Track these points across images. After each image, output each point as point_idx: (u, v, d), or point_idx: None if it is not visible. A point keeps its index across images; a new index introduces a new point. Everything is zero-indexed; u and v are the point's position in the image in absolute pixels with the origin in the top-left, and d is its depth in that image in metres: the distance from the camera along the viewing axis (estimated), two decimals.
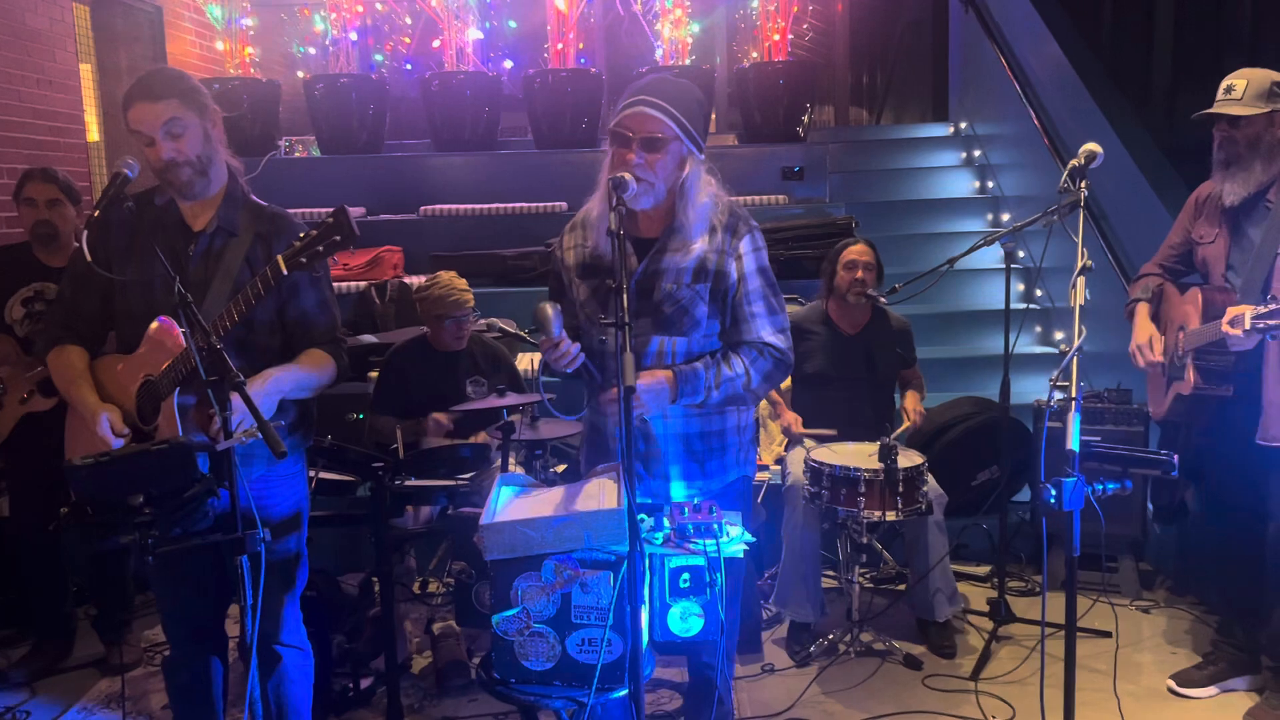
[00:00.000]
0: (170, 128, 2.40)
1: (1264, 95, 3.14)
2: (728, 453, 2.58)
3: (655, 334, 2.45)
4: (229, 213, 2.54)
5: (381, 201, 6.61)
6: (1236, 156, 3.20)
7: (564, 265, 2.59)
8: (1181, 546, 4.43)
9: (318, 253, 2.33)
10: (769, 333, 2.52)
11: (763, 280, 2.51)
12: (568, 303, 2.57)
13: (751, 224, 2.51)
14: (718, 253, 2.46)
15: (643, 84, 2.38)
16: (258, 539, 2.13)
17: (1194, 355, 3.23)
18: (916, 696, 3.56)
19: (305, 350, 2.55)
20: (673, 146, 2.36)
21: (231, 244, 2.51)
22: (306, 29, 7.57)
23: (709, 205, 2.45)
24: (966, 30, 7.68)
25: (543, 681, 2.20)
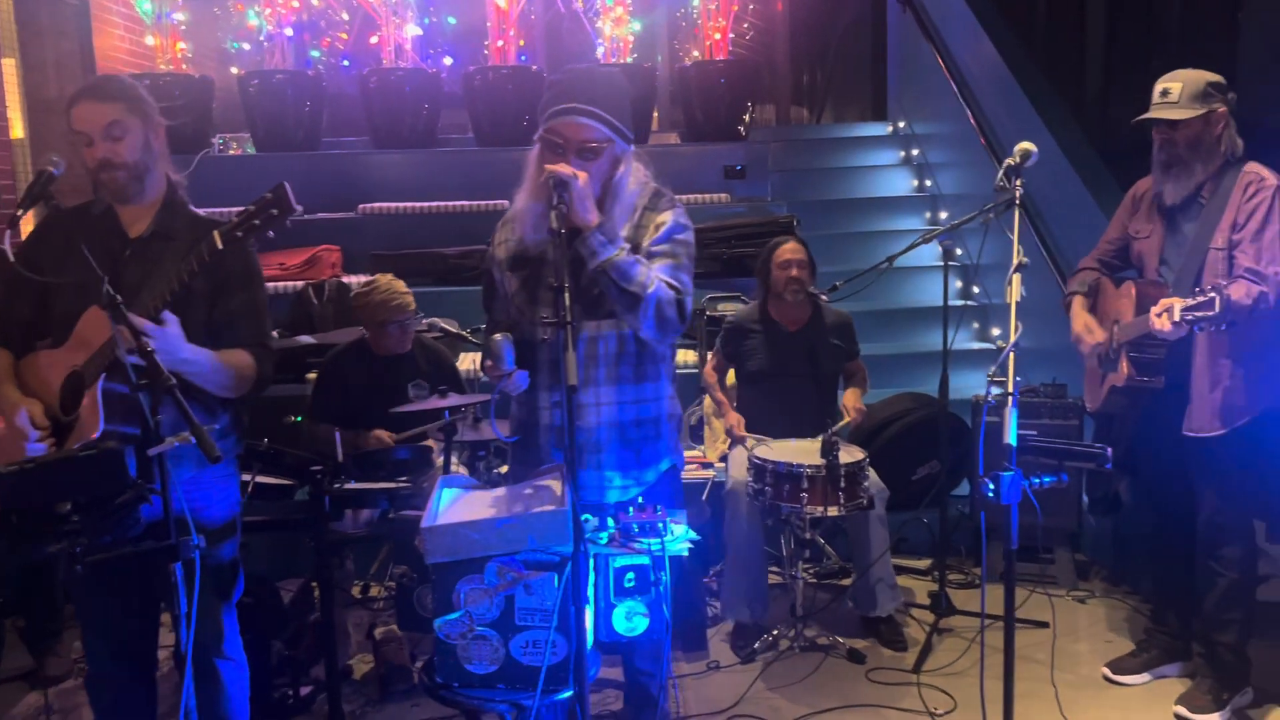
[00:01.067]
0: (112, 130, 2.40)
1: (1199, 96, 3.20)
2: (661, 439, 2.59)
3: (586, 319, 2.43)
4: (166, 219, 2.52)
5: (319, 200, 6.48)
6: (1177, 158, 3.26)
7: (495, 261, 2.58)
8: (1116, 537, 4.52)
9: (254, 226, 2.27)
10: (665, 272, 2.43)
11: (671, 244, 2.46)
12: (500, 298, 2.57)
13: (675, 203, 2.51)
14: (635, 227, 2.46)
15: (571, 85, 2.36)
16: (191, 545, 2.07)
17: (1128, 347, 3.30)
18: (859, 690, 3.59)
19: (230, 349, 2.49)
20: (606, 150, 2.36)
21: (169, 249, 2.47)
22: (240, 24, 7.41)
23: (636, 193, 2.45)
24: (904, 30, 7.78)
25: (486, 685, 2.18)
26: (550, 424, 2.51)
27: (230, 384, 2.47)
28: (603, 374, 2.47)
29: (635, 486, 2.54)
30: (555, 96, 2.36)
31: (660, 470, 2.60)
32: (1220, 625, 3.34)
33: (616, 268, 2.32)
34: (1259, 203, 3.16)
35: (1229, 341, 3.18)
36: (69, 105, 2.43)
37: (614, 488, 2.54)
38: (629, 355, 2.49)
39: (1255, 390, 3.20)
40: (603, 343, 2.46)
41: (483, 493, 2.45)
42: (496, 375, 2.37)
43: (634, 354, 2.50)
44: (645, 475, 2.57)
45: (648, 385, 2.54)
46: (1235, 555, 3.29)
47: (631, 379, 2.50)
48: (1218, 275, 3.17)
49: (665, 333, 2.43)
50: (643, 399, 2.53)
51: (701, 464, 4.83)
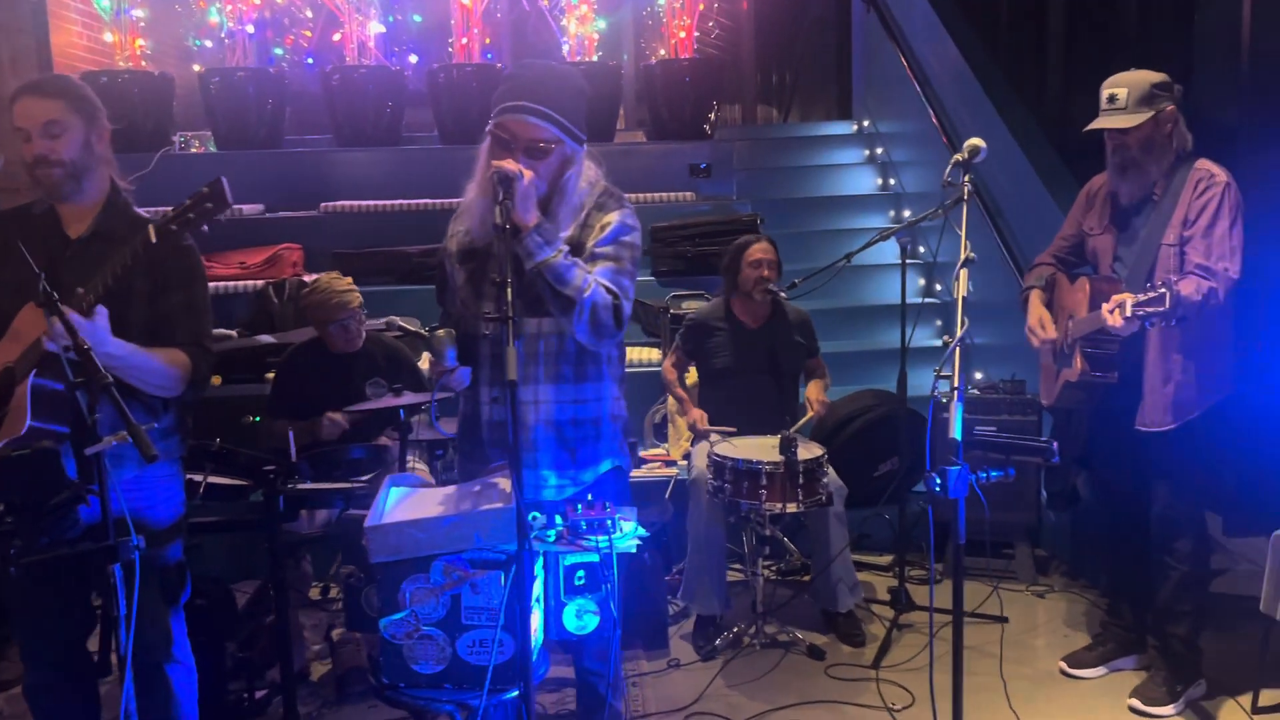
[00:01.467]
0: (50, 128, 2.39)
1: (1145, 99, 3.22)
2: (601, 440, 2.55)
3: (527, 316, 2.41)
4: (107, 220, 2.49)
5: (281, 198, 6.44)
6: (1131, 161, 3.27)
7: (448, 253, 2.57)
8: (1075, 532, 4.56)
9: (189, 220, 2.25)
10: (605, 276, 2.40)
11: (615, 247, 2.43)
12: (451, 291, 2.56)
13: (624, 203, 2.49)
14: (580, 227, 2.45)
15: (525, 82, 2.35)
16: (131, 546, 2.04)
17: (1082, 343, 3.32)
18: (819, 686, 3.59)
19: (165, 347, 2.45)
20: (556, 150, 2.35)
21: (110, 250, 2.40)
22: (201, 21, 7.33)
23: (584, 192, 2.44)
24: (868, 30, 7.81)
25: (433, 685, 2.16)
26: (490, 419, 2.49)
27: (162, 382, 2.42)
28: (542, 372, 2.45)
29: (571, 487, 2.51)
30: (507, 92, 2.35)
31: (599, 472, 2.56)
32: (1173, 617, 3.37)
33: (552, 269, 2.29)
34: (1209, 199, 3.19)
35: (1180, 337, 3.21)
36: (11, 100, 2.41)
37: (549, 487, 2.50)
38: (569, 354, 2.46)
39: (1205, 385, 3.24)
40: (543, 341, 2.44)
41: (431, 491, 2.43)
42: (438, 371, 2.36)
43: (574, 353, 2.47)
44: (582, 476, 2.53)
45: (588, 385, 2.50)
46: (1187, 548, 3.32)
47: (571, 378, 2.48)
48: (1169, 271, 3.20)
49: (600, 337, 2.38)
50: (582, 399, 2.50)
51: (665, 462, 4.83)
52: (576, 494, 2.48)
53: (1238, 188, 3.22)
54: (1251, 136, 4.75)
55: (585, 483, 2.53)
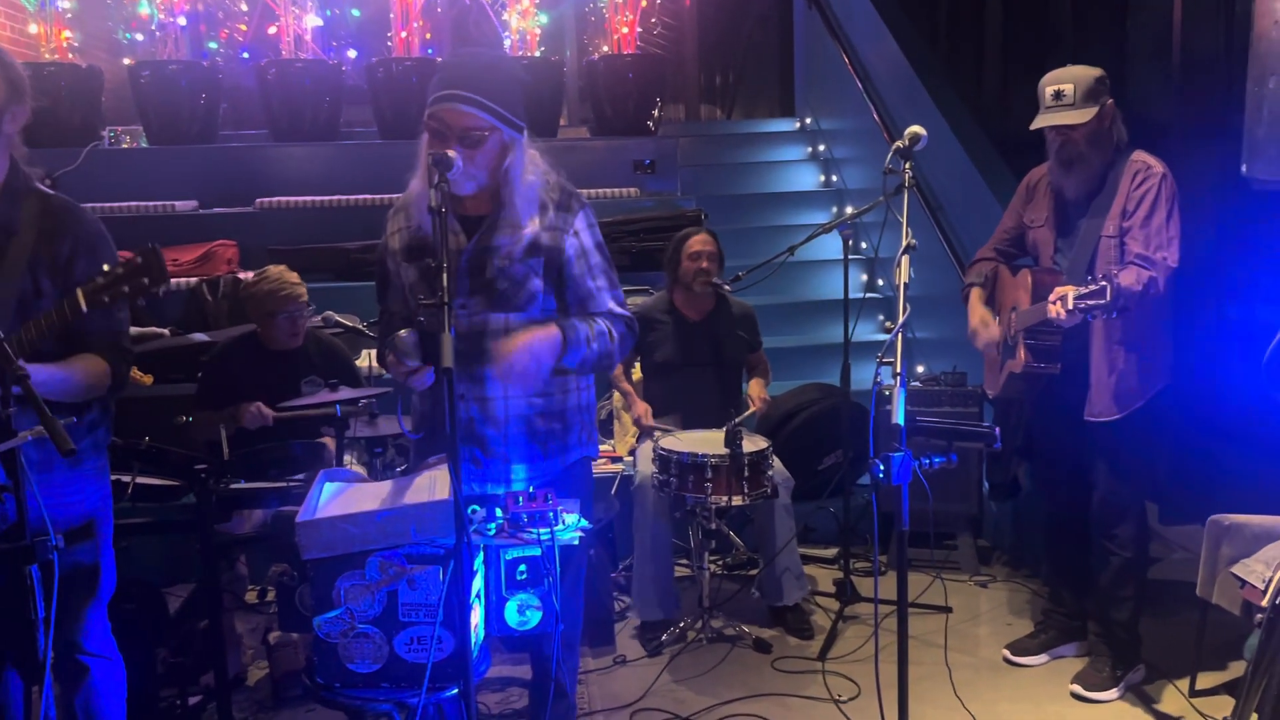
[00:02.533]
0: None
1: (1091, 94, 3.24)
2: (570, 432, 2.54)
3: (491, 311, 2.38)
4: (7, 209, 2.30)
5: (215, 194, 6.29)
6: (1079, 155, 3.29)
7: (389, 251, 2.51)
8: (1017, 522, 4.61)
9: (122, 293, 2.15)
10: (614, 304, 2.53)
11: (601, 256, 2.52)
12: (394, 289, 2.50)
13: (583, 200, 2.50)
14: (551, 230, 2.43)
15: (455, 71, 2.31)
16: (49, 546, 1.96)
17: (1025, 335, 3.34)
18: (765, 680, 3.58)
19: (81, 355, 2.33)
20: (492, 138, 2.31)
21: (12, 243, 2.28)
22: (131, 14, 7.13)
23: (537, 184, 2.41)
24: (810, 27, 7.84)
25: (370, 684, 2.10)
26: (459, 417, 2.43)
27: (80, 393, 2.32)
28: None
29: (540, 479, 2.49)
30: (439, 82, 2.31)
31: (568, 463, 2.55)
32: (1114, 603, 3.42)
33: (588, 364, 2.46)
34: (1147, 190, 3.23)
35: (1122, 328, 3.25)
36: None
37: (519, 480, 2.49)
38: None
39: (1148, 374, 3.28)
40: (509, 337, 2.40)
41: (366, 486, 2.36)
42: (403, 372, 2.30)
43: None
44: (552, 467, 2.53)
45: (554, 378, 2.48)
46: (1128, 535, 3.36)
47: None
48: (1110, 262, 3.24)
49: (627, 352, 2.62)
50: (549, 392, 2.48)
51: (611, 458, 4.79)
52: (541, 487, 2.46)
53: (1173, 178, 3.26)
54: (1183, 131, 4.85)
55: (556, 474, 2.51)
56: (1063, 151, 3.32)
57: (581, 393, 2.58)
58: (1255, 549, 3.02)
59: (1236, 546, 3.17)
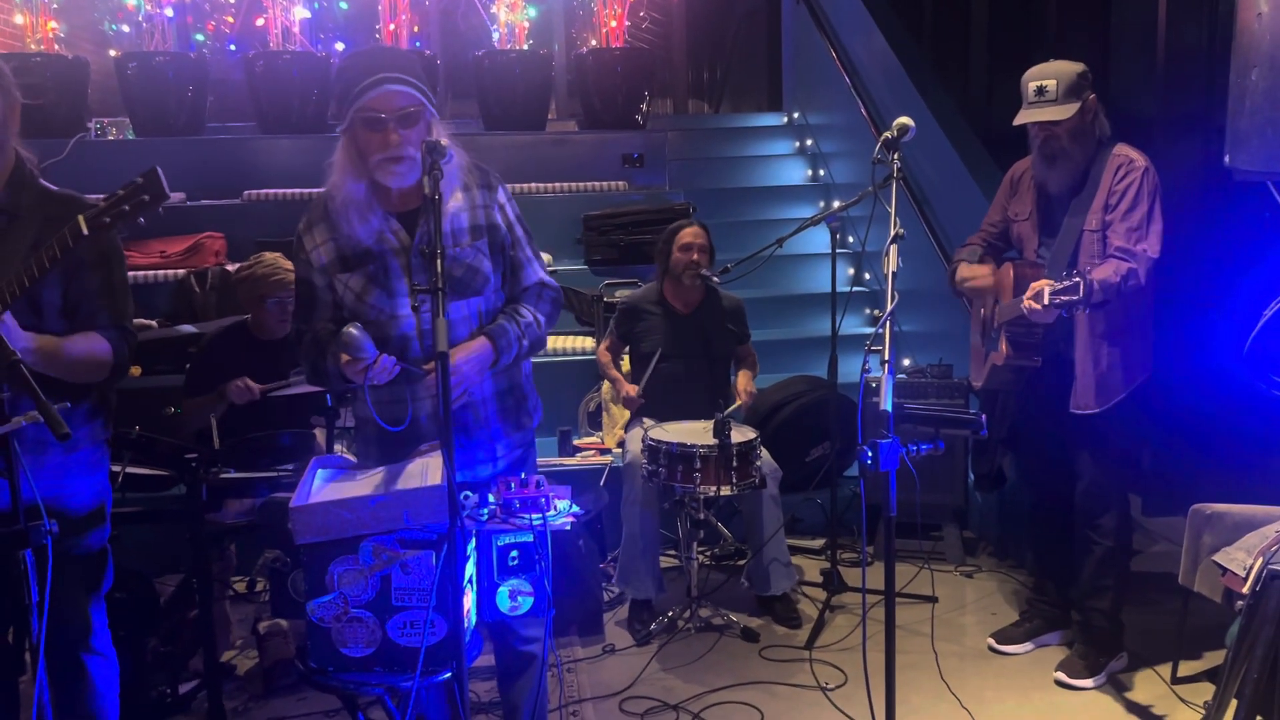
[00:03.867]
0: None
1: (1073, 90, 3.27)
2: (528, 399, 2.65)
3: (452, 299, 2.39)
4: (12, 195, 2.35)
5: (202, 186, 6.27)
6: (1061, 151, 3.31)
7: (315, 266, 2.44)
8: (1002, 513, 4.65)
9: (123, 212, 2.14)
10: (542, 272, 2.60)
11: (523, 228, 2.58)
12: (322, 306, 2.46)
13: (498, 176, 2.55)
14: (483, 208, 2.47)
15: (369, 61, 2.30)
16: (43, 531, 1.96)
17: (1007, 327, 3.38)
18: (753, 668, 3.61)
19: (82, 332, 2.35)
20: (423, 117, 2.33)
21: (14, 226, 2.32)
22: (118, 5, 7.10)
23: (457, 167, 2.41)
24: (797, 21, 7.87)
25: (363, 668, 2.12)
26: (435, 412, 2.43)
27: (85, 373, 2.34)
28: None
29: (518, 449, 2.60)
30: (359, 74, 2.29)
31: (531, 429, 2.67)
32: (1096, 592, 3.45)
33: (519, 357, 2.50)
34: (1129, 183, 3.26)
35: (1105, 320, 3.28)
36: None
37: (502, 456, 2.56)
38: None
39: (1130, 367, 3.31)
40: (474, 321, 2.46)
41: (359, 472, 2.37)
42: (359, 369, 2.25)
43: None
44: (526, 437, 2.63)
45: None
46: (1111, 524, 3.40)
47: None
48: (1092, 256, 3.27)
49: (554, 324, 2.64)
50: (508, 368, 2.55)
51: (599, 449, 4.82)
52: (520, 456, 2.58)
53: (1156, 171, 3.30)
54: (1166, 126, 4.90)
55: (528, 443, 2.63)
56: (1045, 147, 3.34)
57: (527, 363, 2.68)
58: (1236, 537, 3.06)
59: (1218, 535, 3.20)
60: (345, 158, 2.35)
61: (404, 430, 2.42)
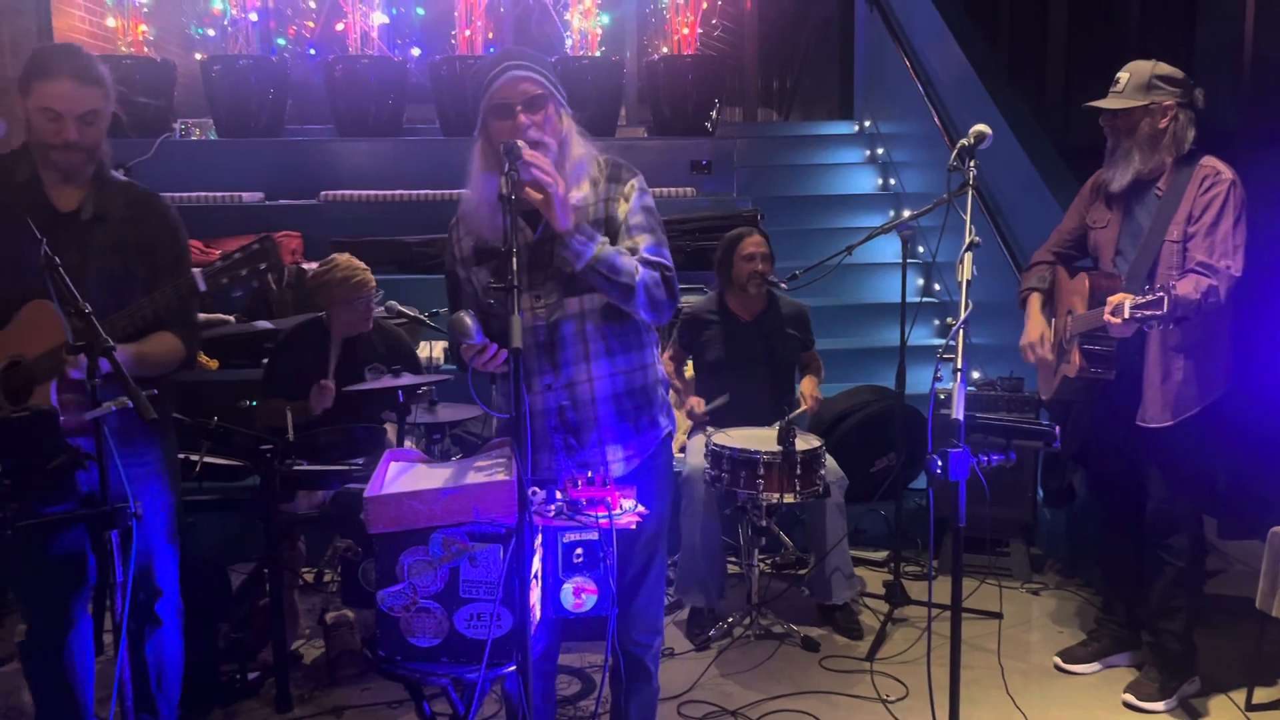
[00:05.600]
0: (87, 117, 2.38)
1: (1142, 88, 3.24)
2: (654, 407, 2.55)
3: (566, 296, 2.40)
4: (101, 197, 2.48)
5: (280, 186, 6.43)
6: (1119, 146, 3.32)
7: (459, 259, 2.53)
8: (1071, 531, 4.56)
9: (239, 277, 2.37)
10: (653, 254, 2.44)
11: (645, 215, 2.47)
12: (465, 296, 2.53)
13: (634, 170, 2.50)
14: (604, 200, 2.44)
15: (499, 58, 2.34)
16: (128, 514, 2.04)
17: (1080, 339, 3.32)
18: (813, 677, 3.59)
19: (156, 333, 2.48)
20: (551, 103, 2.34)
21: (101, 229, 2.45)
22: (205, 9, 7.32)
23: (585, 158, 2.43)
24: (871, 30, 7.82)
25: (429, 658, 2.15)
26: (545, 408, 2.45)
27: (162, 371, 2.50)
28: (591, 349, 2.43)
29: (636, 458, 2.51)
30: (488, 69, 2.34)
31: (659, 438, 2.57)
32: (1168, 613, 3.37)
33: (603, 262, 2.30)
34: (1214, 196, 3.19)
35: (1180, 334, 3.21)
36: (41, 73, 2.36)
37: (617, 461, 2.49)
38: (615, 328, 2.45)
39: (1205, 382, 3.24)
40: (589, 319, 2.42)
41: (430, 466, 2.42)
42: (470, 354, 2.30)
43: (619, 326, 2.46)
44: (645, 446, 2.53)
45: (634, 355, 2.50)
46: (1183, 544, 3.32)
47: (620, 350, 2.47)
48: (1172, 268, 3.20)
49: (659, 313, 2.43)
50: (632, 368, 2.50)
51: None
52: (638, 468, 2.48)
53: (1242, 186, 3.22)
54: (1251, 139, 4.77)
55: (648, 452, 2.53)
56: (1108, 141, 3.34)
57: (655, 368, 2.60)
58: None
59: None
60: (481, 157, 2.37)
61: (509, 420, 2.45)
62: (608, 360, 2.46)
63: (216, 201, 6.17)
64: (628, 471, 2.48)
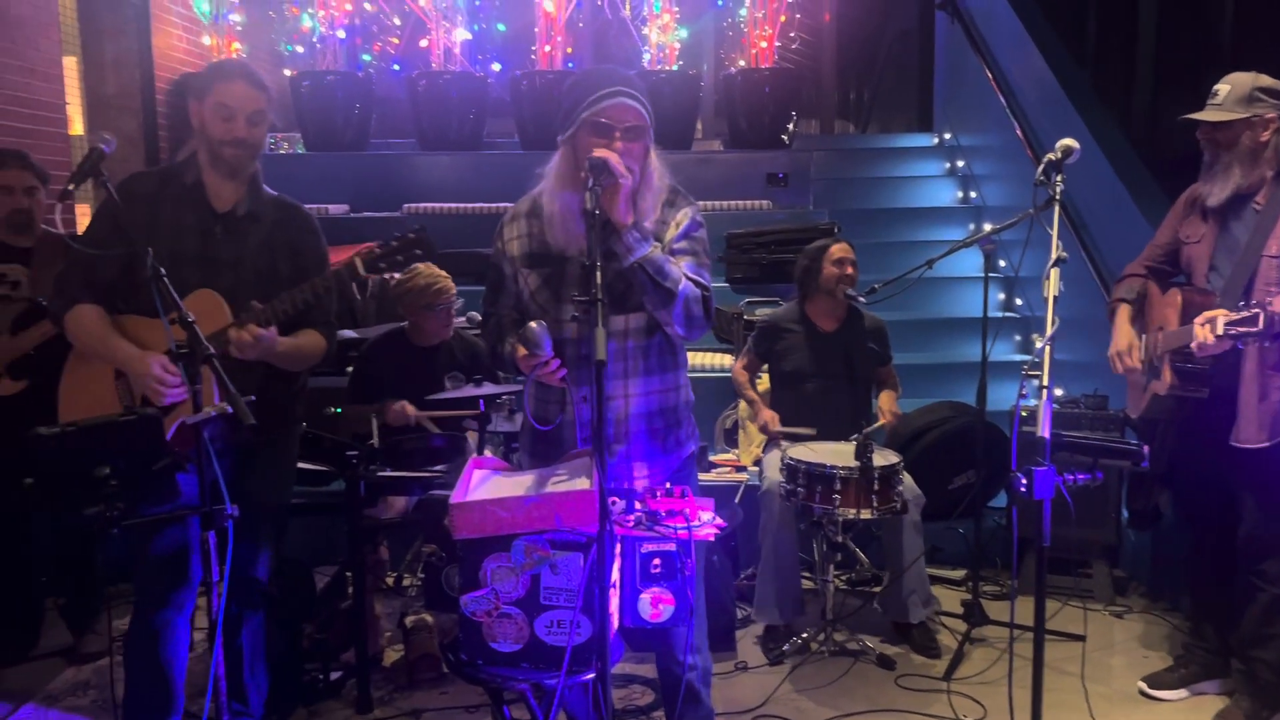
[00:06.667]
0: (254, 117, 2.63)
1: (1243, 100, 3.17)
2: (681, 427, 2.62)
3: (614, 314, 2.44)
4: (254, 200, 2.72)
5: (365, 199, 6.61)
6: (1216, 158, 3.24)
7: (506, 256, 2.57)
8: (1156, 553, 4.45)
9: (397, 262, 2.61)
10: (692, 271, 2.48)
11: (689, 241, 2.52)
12: (507, 294, 2.59)
13: (690, 199, 2.57)
14: (659, 224, 2.50)
15: (610, 76, 2.39)
16: (225, 514, 2.11)
17: (1172, 356, 3.24)
18: (888, 695, 3.55)
19: (302, 330, 2.73)
20: (647, 135, 2.40)
21: (255, 228, 2.69)
22: (294, 27, 7.56)
23: (659, 190, 2.47)
24: (952, 41, 7.74)
25: (510, 663, 2.19)
26: (579, 419, 2.50)
27: (306, 364, 2.76)
28: (630, 367, 2.49)
29: (663, 475, 2.56)
30: (600, 81, 2.38)
31: (684, 457, 2.63)
32: (1261, 641, 3.27)
33: (652, 263, 2.36)
34: None
35: (1278, 352, 3.11)
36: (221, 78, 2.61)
37: (641, 478, 2.55)
38: (654, 346, 2.52)
39: None
40: (632, 337, 2.49)
41: (513, 474, 2.46)
42: (532, 364, 2.37)
43: (658, 345, 2.53)
44: (670, 463, 2.60)
45: (669, 375, 2.58)
46: (1277, 570, 3.21)
47: (656, 369, 2.54)
48: (1270, 284, 3.11)
49: (693, 329, 2.47)
50: (665, 389, 2.57)
51: (735, 467, 4.82)
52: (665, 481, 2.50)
53: None
54: None
55: (673, 470, 2.59)
56: (1205, 154, 3.26)
57: (686, 389, 2.67)
58: None
59: None
60: (565, 166, 2.42)
61: (551, 431, 2.52)
62: (644, 379, 2.52)
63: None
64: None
